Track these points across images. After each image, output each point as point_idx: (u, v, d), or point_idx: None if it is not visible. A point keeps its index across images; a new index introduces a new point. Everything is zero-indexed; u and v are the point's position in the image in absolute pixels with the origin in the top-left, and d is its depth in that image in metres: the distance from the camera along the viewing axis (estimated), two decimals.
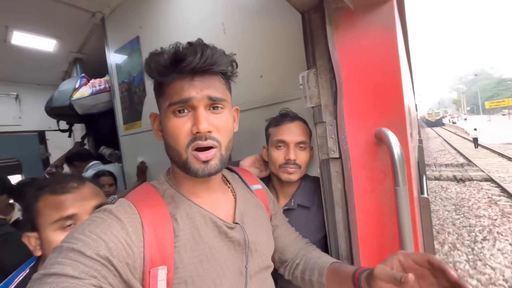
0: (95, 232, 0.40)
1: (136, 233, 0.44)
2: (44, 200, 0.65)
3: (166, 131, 0.51)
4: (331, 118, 0.77)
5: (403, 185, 0.61)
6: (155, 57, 0.48)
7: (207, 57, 0.46)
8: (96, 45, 2.36)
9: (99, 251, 0.39)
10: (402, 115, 0.69)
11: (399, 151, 0.60)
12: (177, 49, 0.47)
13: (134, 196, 0.51)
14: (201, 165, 0.49)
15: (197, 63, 0.46)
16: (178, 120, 0.49)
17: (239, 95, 1.23)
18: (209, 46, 0.48)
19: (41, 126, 3.08)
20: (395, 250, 0.69)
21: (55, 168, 2.32)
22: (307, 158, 0.88)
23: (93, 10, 1.95)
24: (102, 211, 0.45)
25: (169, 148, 0.52)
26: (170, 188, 0.55)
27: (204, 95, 0.49)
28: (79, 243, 0.39)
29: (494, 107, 47.24)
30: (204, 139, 0.48)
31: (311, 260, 0.70)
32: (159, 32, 1.60)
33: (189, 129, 0.49)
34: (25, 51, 2.29)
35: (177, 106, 0.48)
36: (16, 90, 2.95)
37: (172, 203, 0.52)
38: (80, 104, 2.07)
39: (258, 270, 0.59)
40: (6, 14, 1.83)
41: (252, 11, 1.15)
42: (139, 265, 0.43)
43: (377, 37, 0.70)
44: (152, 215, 0.47)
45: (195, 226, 0.51)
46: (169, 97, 0.49)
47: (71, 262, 0.37)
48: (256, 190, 0.71)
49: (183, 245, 0.48)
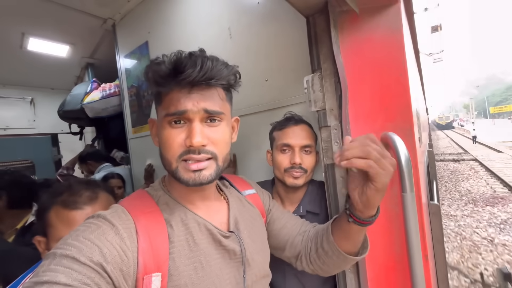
0: (89, 238, 0.40)
1: (131, 239, 0.43)
2: (56, 211, 0.66)
3: (160, 140, 0.51)
4: (336, 122, 0.76)
5: (410, 191, 0.59)
6: (154, 67, 0.47)
7: (206, 70, 0.46)
8: (107, 50, 2.43)
9: (92, 257, 0.38)
10: (410, 119, 0.67)
11: (406, 156, 0.59)
12: (177, 59, 0.46)
13: (128, 202, 0.50)
14: (191, 175, 0.48)
15: (196, 76, 0.45)
16: (172, 130, 0.49)
17: (245, 99, 1.23)
18: (210, 58, 0.47)
19: (54, 129, 3.18)
20: (402, 257, 0.67)
21: (66, 170, 2.39)
22: (313, 162, 0.87)
23: (104, 17, 2.01)
24: (96, 217, 0.45)
25: (161, 156, 0.52)
26: (164, 195, 0.54)
27: (201, 108, 0.48)
28: (72, 249, 0.38)
29: (498, 112, 53.24)
30: (197, 153, 0.48)
31: (318, 233, 0.67)
32: (167, 37, 1.63)
33: (182, 141, 0.48)
34: (40, 57, 2.38)
35: (172, 117, 0.48)
36: (31, 94, 3.05)
37: (167, 210, 0.52)
38: (91, 107, 2.12)
39: (255, 280, 0.58)
40: (23, 21, 1.90)
41: (258, 16, 1.16)
42: (132, 272, 0.42)
43: (383, 40, 0.69)
44: (146, 221, 0.47)
45: (190, 232, 0.50)
46: (166, 107, 0.49)
47: (64, 269, 0.36)
48: (248, 195, 0.70)
49: (178, 251, 0.47)
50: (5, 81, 2.81)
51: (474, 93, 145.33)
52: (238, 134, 0.58)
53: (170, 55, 0.47)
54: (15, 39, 2.07)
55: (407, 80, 0.67)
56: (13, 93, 2.92)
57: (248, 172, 1.28)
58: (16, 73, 2.68)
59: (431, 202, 1.02)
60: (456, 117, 69.87)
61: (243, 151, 1.29)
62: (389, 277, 0.69)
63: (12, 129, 2.90)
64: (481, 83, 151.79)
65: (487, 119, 68.59)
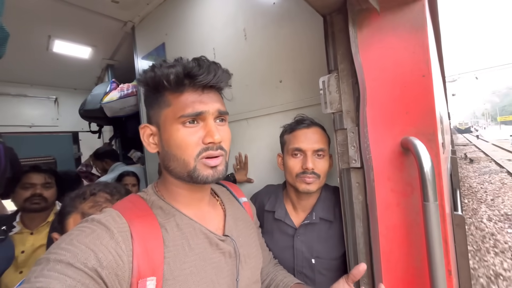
0: (84, 243, 0.39)
1: (126, 243, 0.43)
2: (75, 219, 0.67)
3: (172, 142, 0.50)
4: (353, 125, 0.72)
5: (433, 200, 0.55)
6: (165, 70, 0.48)
7: (219, 75, 0.50)
8: (126, 52, 2.51)
9: (87, 262, 0.37)
10: (434, 123, 0.63)
11: (429, 162, 0.55)
12: (190, 64, 0.49)
13: (122, 206, 0.50)
14: (210, 171, 0.50)
15: (210, 80, 0.49)
16: (188, 130, 0.50)
17: (258, 101, 1.22)
18: (217, 64, 0.51)
19: (75, 127, 3.33)
20: (423, 272, 0.62)
21: (85, 167, 2.49)
22: (326, 167, 0.83)
23: (124, 20, 2.08)
24: (90, 221, 0.44)
25: (172, 159, 0.51)
26: (158, 200, 0.54)
27: (215, 109, 0.51)
28: (67, 254, 0.37)
29: (503, 120, 63.84)
30: (215, 149, 0.50)
31: (277, 277, 0.74)
32: (183, 38, 1.65)
33: (199, 139, 0.50)
34: (64, 58, 2.50)
35: (188, 118, 0.49)
36: (55, 94, 3.22)
37: (161, 214, 0.51)
38: (109, 107, 2.19)
39: (248, 283, 0.57)
40: (49, 25, 2.00)
41: (273, 16, 1.14)
42: (127, 276, 0.41)
43: (405, 39, 0.65)
44: (141, 225, 0.46)
45: (185, 237, 0.50)
46: (180, 109, 0.49)
47: (58, 275, 0.35)
48: (244, 203, 0.71)
49: (173, 255, 0.47)
50: (32, 81, 2.98)
51: (496, 101, 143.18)
52: (250, 136, 0.58)
53: (174, 61, 0.50)
54: (42, 41, 2.19)
55: (431, 82, 0.63)
56: (39, 92, 3.10)
57: (259, 175, 1.27)
58: (42, 74, 2.83)
59: (455, 213, 0.96)
60: (475, 123, 79.51)
61: (255, 153, 1.27)
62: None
63: (37, 127, 3.06)
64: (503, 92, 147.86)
65: (498, 125, 77.45)
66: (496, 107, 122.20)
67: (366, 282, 0.71)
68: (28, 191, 1.27)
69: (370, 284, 0.71)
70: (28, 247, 1.25)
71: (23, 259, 1.22)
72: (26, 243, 1.25)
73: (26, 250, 1.24)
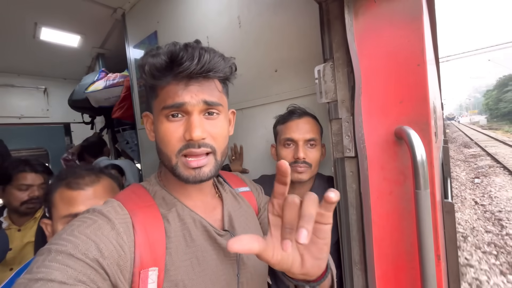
0: (85, 233, 0.39)
1: (127, 233, 0.43)
2: (60, 193, 0.67)
3: (157, 135, 0.49)
4: (347, 114, 0.72)
5: (424, 188, 0.56)
6: (150, 59, 0.45)
7: (204, 62, 0.44)
8: (117, 40, 2.43)
9: (88, 253, 0.37)
10: (427, 112, 0.63)
11: (422, 151, 0.56)
12: (173, 52, 0.44)
13: (124, 197, 0.50)
14: (191, 172, 0.47)
15: (194, 69, 0.43)
16: (170, 124, 0.47)
17: (253, 90, 1.21)
18: (208, 50, 0.45)
19: (67, 118, 3.25)
20: (413, 256, 0.64)
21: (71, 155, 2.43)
22: (317, 156, 0.84)
23: (114, 6, 2.00)
24: (91, 212, 0.44)
25: (159, 152, 0.50)
26: (161, 190, 0.53)
27: (200, 100, 0.46)
28: (68, 244, 0.37)
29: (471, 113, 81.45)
30: (197, 146, 0.46)
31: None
32: (176, 26, 1.61)
33: (181, 135, 0.47)
34: (52, 47, 2.41)
35: (170, 110, 0.46)
36: (44, 84, 3.12)
37: (163, 204, 0.51)
38: (93, 97, 2.12)
39: (250, 278, 0.56)
40: (35, 11, 1.92)
41: (268, 4, 1.12)
42: (129, 266, 0.41)
43: (401, 27, 0.65)
44: (143, 215, 0.46)
45: (186, 228, 0.50)
46: (163, 100, 0.47)
47: (59, 266, 0.35)
48: (242, 193, 0.68)
49: (175, 246, 0.47)
50: (19, 70, 2.88)
51: (477, 97, 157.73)
52: (245, 126, 0.56)
53: (164, 47, 0.46)
54: (28, 29, 2.10)
55: (426, 71, 0.63)
56: (27, 82, 3.00)
57: (254, 165, 1.27)
58: (30, 63, 2.73)
59: (445, 200, 0.98)
60: (460, 115, 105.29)
61: (250, 144, 1.27)
62: (398, 276, 0.67)
63: (27, 118, 2.98)
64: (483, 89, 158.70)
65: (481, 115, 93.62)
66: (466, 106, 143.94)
67: (359, 268, 0.73)
68: (25, 193, 1.21)
69: (363, 269, 0.73)
70: (16, 245, 1.23)
71: (11, 257, 1.20)
72: (14, 241, 1.22)
73: (14, 248, 1.21)
